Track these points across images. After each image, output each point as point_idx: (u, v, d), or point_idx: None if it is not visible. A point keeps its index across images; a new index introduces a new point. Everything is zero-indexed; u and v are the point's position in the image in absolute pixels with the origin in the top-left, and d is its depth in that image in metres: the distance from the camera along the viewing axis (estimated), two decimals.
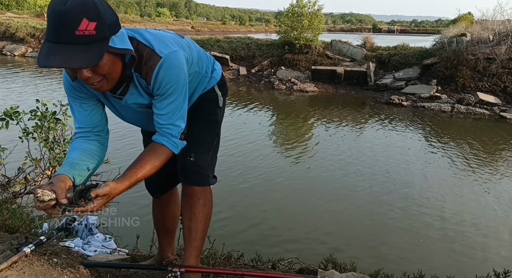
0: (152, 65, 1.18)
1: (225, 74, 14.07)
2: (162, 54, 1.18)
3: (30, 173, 3.29)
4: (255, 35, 20.16)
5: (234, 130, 7.45)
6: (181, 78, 1.23)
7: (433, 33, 27.26)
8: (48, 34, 1.01)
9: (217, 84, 1.54)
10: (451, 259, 3.50)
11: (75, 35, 0.98)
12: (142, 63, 1.19)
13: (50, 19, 0.99)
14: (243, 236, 3.70)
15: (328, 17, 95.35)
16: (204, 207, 1.47)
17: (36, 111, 2.98)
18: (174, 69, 1.20)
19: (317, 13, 14.31)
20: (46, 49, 1.00)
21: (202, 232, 1.48)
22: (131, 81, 1.23)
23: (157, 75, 1.19)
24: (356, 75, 12.60)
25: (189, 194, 1.46)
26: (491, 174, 5.71)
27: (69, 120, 3.17)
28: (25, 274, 1.30)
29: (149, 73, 1.19)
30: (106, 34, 1.04)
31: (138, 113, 1.37)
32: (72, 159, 1.24)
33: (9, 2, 36.98)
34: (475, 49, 11.31)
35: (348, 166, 5.78)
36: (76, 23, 0.97)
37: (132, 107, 1.33)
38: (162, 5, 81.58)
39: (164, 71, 1.19)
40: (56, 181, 1.11)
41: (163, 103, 1.24)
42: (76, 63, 1.00)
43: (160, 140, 1.27)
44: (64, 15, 0.96)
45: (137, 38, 1.19)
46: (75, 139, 1.34)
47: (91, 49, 1.01)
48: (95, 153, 1.31)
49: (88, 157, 1.27)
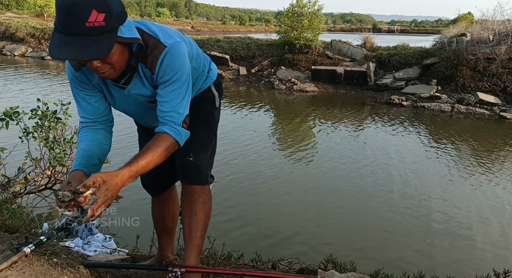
0: (157, 54, 1.20)
1: (225, 74, 14.14)
2: (167, 43, 1.21)
3: (30, 172, 3.28)
4: (255, 35, 20.15)
5: (234, 130, 7.45)
6: (185, 67, 1.25)
7: (433, 33, 27.27)
8: (58, 24, 1.02)
9: (213, 84, 1.56)
10: (451, 259, 3.50)
11: (85, 27, 1.00)
12: (147, 52, 1.21)
13: (60, 9, 1.00)
14: (243, 236, 3.70)
15: (328, 17, 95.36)
16: (204, 205, 1.48)
17: (37, 110, 2.97)
18: (178, 57, 1.22)
19: (317, 13, 14.32)
20: (57, 40, 1.02)
21: (202, 230, 1.48)
22: (135, 71, 1.25)
23: (161, 63, 1.21)
24: (356, 75, 12.60)
25: (188, 192, 1.47)
26: (492, 174, 5.71)
27: (69, 120, 3.17)
28: (25, 274, 1.30)
29: (154, 62, 1.21)
30: (115, 24, 1.06)
31: (138, 106, 1.38)
32: (84, 151, 1.29)
33: (9, 2, 36.99)
34: (475, 49, 11.31)
35: (348, 166, 5.78)
36: (86, 15, 0.99)
37: (133, 98, 1.34)
38: (162, 5, 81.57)
39: (169, 60, 1.21)
40: (73, 180, 1.16)
41: (166, 90, 1.25)
42: (88, 55, 1.03)
43: (163, 128, 1.27)
44: (74, 7, 0.97)
45: (142, 28, 1.22)
46: (82, 129, 1.37)
47: (101, 40, 1.03)
48: (104, 142, 1.36)
49: (98, 148, 1.33)
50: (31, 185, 3.27)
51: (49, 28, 20.06)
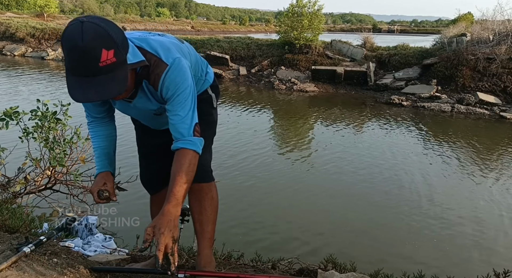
0: (159, 73, 1.26)
1: (225, 74, 14.13)
2: (168, 61, 1.26)
3: (30, 173, 3.29)
4: (255, 35, 20.15)
5: (233, 131, 7.45)
6: (187, 80, 1.30)
7: (433, 33, 27.27)
8: (72, 68, 1.07)
9: (210, 86, 1.63)
10: (451, 259, 3.50)
11: (99, 67, 1.04)
12: (150, 71, 1.27)
13: (71, 54, 1.04)
14: (243, 236, 3.70)
15: (328, 17, 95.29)
16: (212, 200, 1.57)
17: (36, 111, 2.97)
18: (179, 73, 1.27)
19: (317, 13, 14.31)
20: (77, 84, 1.07)
21: (212, 224, 1.58)
22: (140, 87, 1.32)
23: (163, 81, 1.27)
24: (356, 75, 12.60)
25: (196, 190, 1.52)
26: (492, 174, 5.71)
27: (69, 121, 3.18)
28: (25, 274, 1.30)
29: (156, 80, 1.27)
30: (124, 56, 1.11)
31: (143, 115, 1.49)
32: (102, 149, 1.50)
33: (9, 2, 36.98)
34: (475, 49, 11.31)
35: (348, 166, 5.78)
36: (97, 56, 1.03)
37: (139, 109, 1.43)
38: (162, 5, 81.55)
39: (170, 77, 1.26)
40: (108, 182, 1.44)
41: (173, 105, 1.31)
42: (112, 93, 1.10)
43: (177, 145, 1.33)
44: (85, 52, 1.02)
45: (144, 47, 1.27)
46: (90, 124, 1.53)
47: (117, 74, 1.10)
48: (112, 134, 1.55)
49: (111, 142, 1.53)
50: (31, 185, 3.28)
51: (49, 28, 20.05)
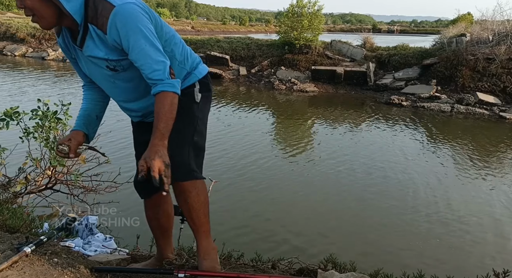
0: (106, 14, 1.26)
1: (225, 75, 14.13)
2: (115, 3, 1.26)
3: (31, 172, 3.29)
4: (255, 35, 20.15)
5: (233, 131, 7.45)
6: (138, 22, 1.27)
7: (433, 33, 27.26)
8: None
9: (198, 81, 1.57)
10: (451, 259, 3.50)
11: None
12: (97, 13, 1.27)
13: None
14: (243, 236, 3.70)
15: (328, 17, 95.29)
16: (198, 196, 1.48)
17: (37, 110, 2.98)
18: (128, 14, 1.26)
19: (317, 13, 14.32)
20: None
21: (204, 217, 1.54)
22: (87, 33, 1.32)
23: (112, 23, 1.26)
24: (356, 75, 12.60)
25: (179, 191, 1.46)
26: (492, 174, 5.72)
27: (70, 120, 3.18)
28: (25, 274, 1.31)
29: (105, 23, 1.27)
30: None
31: (102, 75, 1.45)
32: (84, 110, 1.57)
33: (9, 2, 36.97)
34: (474, 49, 11.31)
35: (348, 166, 5.78)
36: None
37: (93, 64, 1.41)
38: (162, 5, 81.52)
39: (118, 18, 1.25)
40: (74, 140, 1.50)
41: (133, 54, 1.29)
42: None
43: (156, 89, 1.33)
44: None
45: None
46: (83, 88, 1.62)
47: None
48: (100, 100, 1.60)
49: (95, 106, 1.59)
50: (31, 185, 3.28)
51: None
